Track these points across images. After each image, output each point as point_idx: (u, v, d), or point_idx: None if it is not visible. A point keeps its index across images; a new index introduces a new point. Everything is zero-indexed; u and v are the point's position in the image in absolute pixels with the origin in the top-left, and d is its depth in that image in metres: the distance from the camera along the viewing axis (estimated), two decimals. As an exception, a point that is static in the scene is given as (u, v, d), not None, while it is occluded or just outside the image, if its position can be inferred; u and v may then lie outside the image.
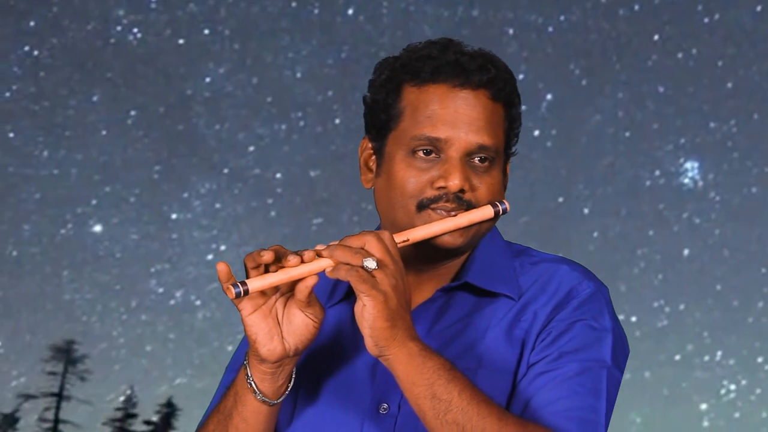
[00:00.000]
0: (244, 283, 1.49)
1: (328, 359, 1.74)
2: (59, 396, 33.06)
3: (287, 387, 1.64)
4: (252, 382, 1.60)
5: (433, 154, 1.64)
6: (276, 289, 1.56)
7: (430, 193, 1.63)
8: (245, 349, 1.78)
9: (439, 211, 1.63)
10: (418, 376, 1.47)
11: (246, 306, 1.54)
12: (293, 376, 1.64)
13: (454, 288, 1.71)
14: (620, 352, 1.65)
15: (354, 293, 1.73)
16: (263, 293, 1.55)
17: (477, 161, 1.65)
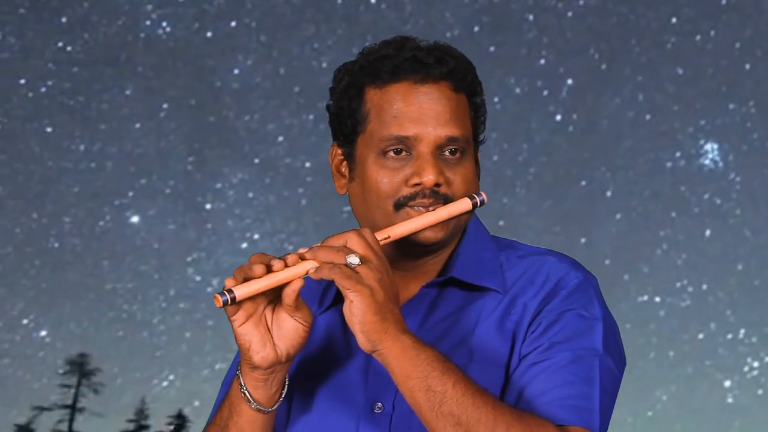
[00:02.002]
0: (231, 291, 1.48)
1: (320, 365, 1.72)
2: (73, 408, 33.34)
3: (281, 394, 1.62)
4: (246, 391, 1.59)
5: (404, 153, 1.62)
6: (264, 296, 1.54)
7: (406, 191, 1.62)
8: (237, 364, 1.80)
9: (417, 208, 1.62)
10: (413, 369, 1.45)
11: (239, 316, 1.52)
12: (286, 382, 1.63)
13: (439, 284, 1.70)
14: (612, 339, 1.63)
15: (342, 300, 1.75)
16: (252, 301, 1.53)
17: (448, 154, 1.64)
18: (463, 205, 1.63)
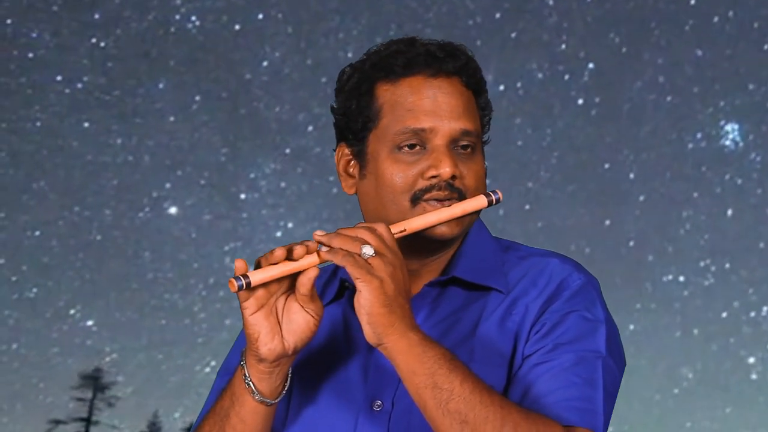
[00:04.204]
0: (246, 276, 1.45)
1: (320, 360, 1.69)
2: (88, 421, 33.04)
3: (284, 386, 1.59)
4: (250, 383, 1.55)
5: (418, 147, 1.60)
6: (278, 284, 1.51)
7: (422, 184, 1.59)
8: (237, 352, 1.77)
9: (432, 201, 1.59)
10: (419, 366, 1.41)
11: (250, 304, 1.49)
12: (289, 375, 1.60)
13: (442, 282, 1.67)
14: (613, 341, 1.60)
15: (344, 294, 1.73)
16: (265, 290, 1.50)
17: (461, 148, 1.62)
18: (479, 202, 1.62)
